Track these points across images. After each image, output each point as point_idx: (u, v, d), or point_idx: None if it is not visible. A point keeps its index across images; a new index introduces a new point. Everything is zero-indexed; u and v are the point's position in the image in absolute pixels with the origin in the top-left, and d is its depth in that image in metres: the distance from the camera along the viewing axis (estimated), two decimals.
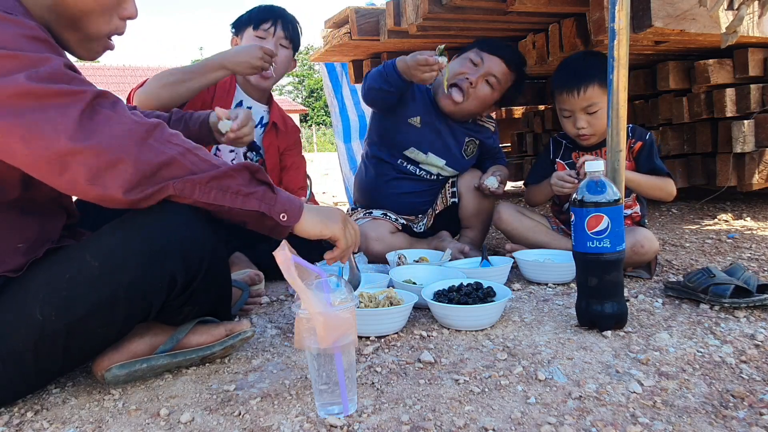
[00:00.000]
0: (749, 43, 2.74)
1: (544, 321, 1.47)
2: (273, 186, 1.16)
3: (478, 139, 2.37)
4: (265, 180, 1.14)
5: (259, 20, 2.10)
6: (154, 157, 1.02)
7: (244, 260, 1.93)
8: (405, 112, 2.27)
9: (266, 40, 2.09)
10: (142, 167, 1.01)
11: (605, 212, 1.33)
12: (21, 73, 0.95)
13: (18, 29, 0.98)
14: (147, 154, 1.02)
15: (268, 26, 2.09)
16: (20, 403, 1.12)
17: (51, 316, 1.03)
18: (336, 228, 1.22)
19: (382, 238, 2.16)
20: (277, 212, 1.13)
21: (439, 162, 2.30)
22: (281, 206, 1.14)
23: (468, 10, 2.48)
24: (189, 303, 1.19)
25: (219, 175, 1.09)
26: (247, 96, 2.21)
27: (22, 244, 1.10)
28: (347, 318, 0.97)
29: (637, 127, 2.03)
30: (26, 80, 0.95)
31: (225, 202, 1.10)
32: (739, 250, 2.21)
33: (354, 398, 1.02)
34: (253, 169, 1.13)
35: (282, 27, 2.10)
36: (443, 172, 2.35)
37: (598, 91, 1.93)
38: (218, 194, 1.09)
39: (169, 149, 1.05)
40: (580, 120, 1.97)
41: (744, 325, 1.38)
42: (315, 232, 1.20)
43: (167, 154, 1.04)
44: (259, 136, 2.22)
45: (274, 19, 2.10)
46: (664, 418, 0.96)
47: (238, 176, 1.11)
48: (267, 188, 1.14)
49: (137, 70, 22.75)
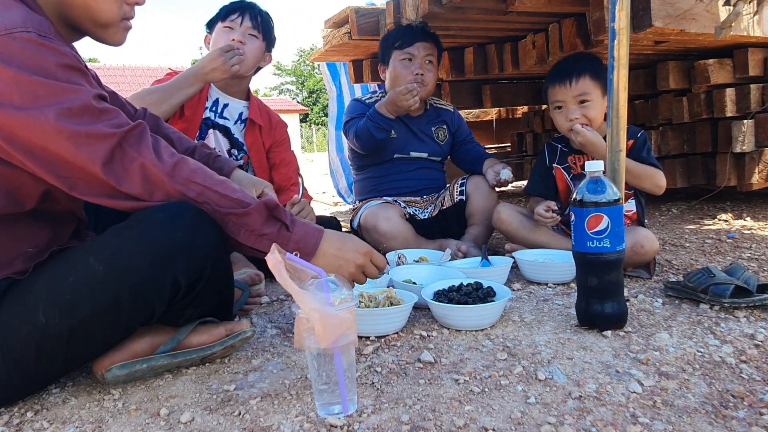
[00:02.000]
0: (749, 43, 2.74)
1: (544, 321, 1.47)
2: (288, 223, 1.18)
3: (444, 123, 2.59)
4: (281, 218, 1.17)
5: (226, 12, 2.14)
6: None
7: (244, 260, 1.93)
8: None
9: (234, 31, 2.11)
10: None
11: (605, 212, 1.33)
12: (52, 107, 1.00)
13: (53, 56, 1.02)
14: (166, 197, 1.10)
15: (235, 16, 2.11)
16: (20, 403, 1.12)
17: (54, 318, 1.04)
18: (352, 266, 1.24)
19: (391, 218, 2.24)
20: (289, 250, 1.15)
21: (422, 155, 2.52)
22: (294, 245, 1.17)
23: (468, 10, 2.48)
24: (192, 305, 1.19)
25: (237, 214, 1.14)
26: (224, 93, 2.20)
27: (32, 249, 1.11)
28: (345, 317, 0.96)
29: (630, 126, 2.02)
30: (56, 119, 1.00)
31: (239, 238, 1.15)
32: (739, 250, 2.21)
33: (354, 398, 1.02)
34: (271, 206, 1.16)
35: (250, 17, 2.12)
36: (430, 158, 2.55)
37: (590, 83, 1.95)
38: (234, 228, 1.14)
39: (188, 190, 1.11)
40: (573, 111, 1.97)
41: (744, 325, 1.38)
42: (331, 269, 1.20)
43: (186, 197, 1.11)
44: (240, 133, 2.21)
45: (242, 10, 2.13)
46: (664, 418, 0.96)
47: (255, 214, 1.14)
48: (282, 227, 1.17)
49: (137, 70, 22.73)
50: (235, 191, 1.16)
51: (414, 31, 2.42)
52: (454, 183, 2.42)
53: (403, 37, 2.41)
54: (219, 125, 2.17)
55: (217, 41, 2.10)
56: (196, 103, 2.10)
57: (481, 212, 2.31)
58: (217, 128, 2.16)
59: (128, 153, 1.07)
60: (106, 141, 1.05)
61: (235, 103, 2.21)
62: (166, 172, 1.09)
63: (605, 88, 1.88)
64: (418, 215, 2.39)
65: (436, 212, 2.40)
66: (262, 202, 1.16)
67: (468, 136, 2.64)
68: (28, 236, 1.11)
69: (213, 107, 2.17)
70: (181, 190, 1.10)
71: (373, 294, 1.49)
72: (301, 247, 1.17)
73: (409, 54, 2.40)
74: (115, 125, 1.07)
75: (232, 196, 1.14)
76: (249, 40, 2.11)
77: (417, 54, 2.39)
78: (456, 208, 2.37)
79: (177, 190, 1.10)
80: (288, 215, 1.19)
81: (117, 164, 1.06)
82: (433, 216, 2.40)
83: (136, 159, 1.07)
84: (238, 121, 2.20)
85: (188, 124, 2.08)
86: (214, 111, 2.17)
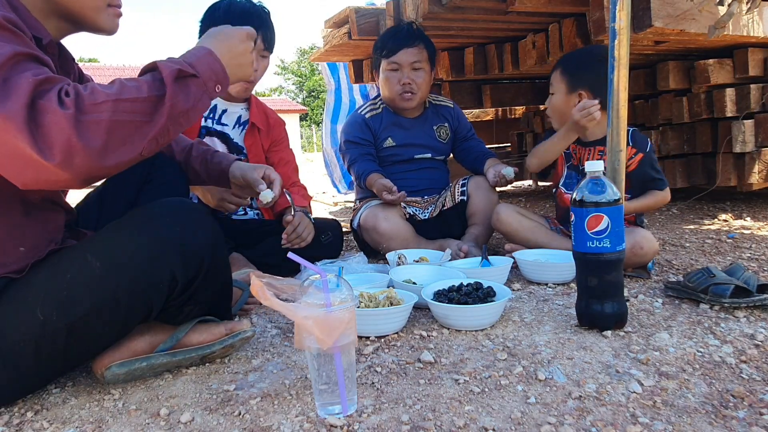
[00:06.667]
0: (749, 43, 2.75)
1: (544, 321, 1.47)
2: (194, 73, 1.08)
3: (446, 120, 2.57)
4: (186, 73, 1.06)
5: None
6: (95, 135, 0.95)
7: (244, 260, 1.93)
8: (378, 144, 2.49)
9: None
10: (93, 150, 0.95)
11: (605, 212, 1.33)
12: None
13: None
14: (87, 136, 0.94)
15: None
16: (20, 403, 1.12)
17: (52, 315, 1.03)
18: (247, 60, 1.20)
19: (391, 218, 2.24)
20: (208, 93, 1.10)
21: (426, 155, 2.51)
22: (206, 85, 1.09)
23: (468, 10, 2.48)
24: (190, 302, 1.19)
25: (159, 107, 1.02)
26: (221, 99, 2.14)
27: (24, 247, 1.10)
28: (343, 317, 0.96)
29: (638, 133, 2.00)
30: None
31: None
32: (739, 250, 2.21)
33: (354, 398, 1.02)
34: (174, 74, 1.05)
35: (263, 39, 2.03)
36: (434, 158, 2.53)
37: (558, 76, 2.04)
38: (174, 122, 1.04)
39: (101, 116, 0.95)
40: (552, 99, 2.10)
41: (744, 325, 1.38)
42: (234, 70, 1.16)
43: (104, 122, 0.95)
44: (239, 136, 2.17)
45: (255, 29, 2.04)
46: (664, 418, 0.96)
47: (172, 100, 1.03)
48: (190, 80, 1.07)
49: (137, 69, 22.65)
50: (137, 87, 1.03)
51: (399, 37, 2.39)
52: (455, 183, 2.42)
53: (388, 45, 2.39)
54: (216, 131, 2.15)
55: None
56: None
57: (482, 212, 2.31)
58: (214, 135, 2.14)
59: (41, 114, 0.92)
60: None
61: (233, 107, 2.17)
62: (73, 116, 0.93)
63: (571, 85, 1.99)
64: (418, 215, 2.39)
65: (436, 212, 2.40)
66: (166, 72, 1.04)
67: (469, 131, 2.63)
68: (17, 232, 1.10)
69: (211, 114, 2.13)
70: (97, 118, 0.94)
71: (373, 294, 1.49)
72: (209, 80, 1.10)
73: (395, 63, 2.38)
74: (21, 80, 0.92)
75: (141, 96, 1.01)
76: (261, 61, 2.06)
77: (403, 62, 2.36)
78: (457, 208, 2.37)
79: (91, 126, 0.94)
80: (187, 65, 1.08)
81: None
82: (433, 216, 2.40)
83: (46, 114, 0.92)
84: (236, 125, 2.18)
85: (186, 133, 2.05)
86: (211, 118, 2.13)
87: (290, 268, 1.92)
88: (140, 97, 1.00)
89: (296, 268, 1.97)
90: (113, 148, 0.97)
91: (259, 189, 1.58)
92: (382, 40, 2.46)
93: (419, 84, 2.39)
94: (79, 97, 0.94)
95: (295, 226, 1.97)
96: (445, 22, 2.67)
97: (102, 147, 0.95)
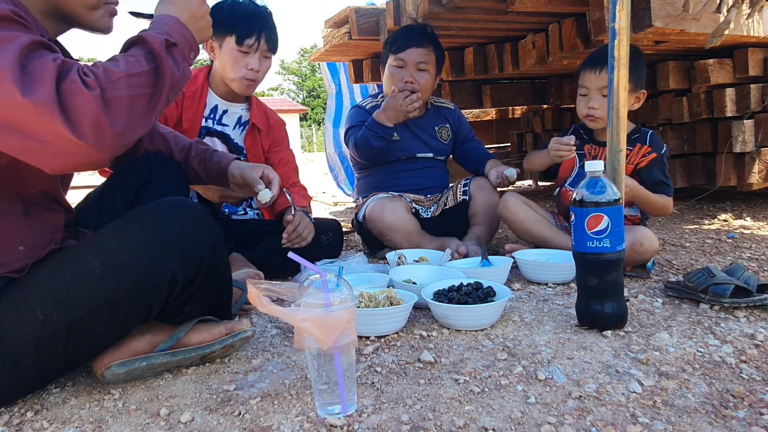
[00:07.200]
0: (749, 43, 2.75)
1: (544, 321, 1.47)
2: (173, 41, 1.10)
3: (447, 121, 2.59)
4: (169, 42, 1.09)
5: (242, 34, 1.97)
6: (119, 112, 0.97)
7: (244, 260, 1.93)
8: None
9: (249, 55, 2.00)
10: (118, 126, 0.97)
11: (605, 212, 1.33)
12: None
13: None
14: (113, 114, 0.96)
15: (252, 41, 1.98)
16: (20, 403, 1.12)
17: (51, 315, 1.03)
18: (206, 23, 1.21)
19: (397, 210, 2.24)
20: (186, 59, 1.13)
21: (428, 155, 2.52)
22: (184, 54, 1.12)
23: (468, 10, 2.48)
24: (190, 302, 1.19)
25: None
26: (222, 99, 2.12)
27: (23, 247, 1.10)
28: (342, 317, 0.96)
29: (656, 136, 2.01)
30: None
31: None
32: (739, 250, 2.21)
33: (354, 398, 1.02)
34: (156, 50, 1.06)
35: (266, 40, 2.01)
36: (435, 158, 2.54)
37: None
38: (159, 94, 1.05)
39: (120, 92, 0.98)
40: (594, 100, 1.98)
41: (744, 325, 1.38)
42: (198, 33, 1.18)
43: (124, 98, 0.98)
44: (240, 137, 2.17)
45: (258, 32, 1.99)
46: (664, 417, 0.96)
47: (165, 70, 1.06)
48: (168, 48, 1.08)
49: None
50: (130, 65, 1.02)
51: (411, 35, 2.40)
52: (458, 183, 2.43)
53: (398, 42, 2.40)
54: (217, 132, 2.14)
55: (234, 64, 2.00)
56: (194, 111, 2.06)
57: (484, 212, 2.31)
58: (215, 135, 2.14)
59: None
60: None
61: (234, 107, 2.16)
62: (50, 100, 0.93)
63: (634, 83, 1.90)
64: (421, 213, 2.40)
65: (438, 212, 2.40)
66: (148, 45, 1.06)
67: (469, 133, 2.64)
68: (16, 232, 1.10)
69: (211, 114, 2.12)
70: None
71: (373, 294, 1.49)
72: (184, 47, 1.12)
73: (401, 60, 2.38)
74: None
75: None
76: (264, 62, 2.05)
77: (408, 60, 2.37)
78: (459, 208, 2.37)
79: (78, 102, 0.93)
80: (167, 35, 1.10)
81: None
82: (435, 215, 2.40)
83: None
84: (237, 125, 2.17)
85: (186, 133, 2.04)
86: (212, 118, 2.12)
87: (290, 268, 1.92)
88: (144, 70, 1.03)
89: (296, 267, 1.97)
90: (134, 123, 1.00)
91: (258, 189, 1.58)
92: (393, 36, 2.46)
93: (422, 85, 2.38)
94: (99, 78, 0.97)
95: (295, 226, 1.97)
96: (445, 22, 2.67)
97: (126, 122, 0.99)
